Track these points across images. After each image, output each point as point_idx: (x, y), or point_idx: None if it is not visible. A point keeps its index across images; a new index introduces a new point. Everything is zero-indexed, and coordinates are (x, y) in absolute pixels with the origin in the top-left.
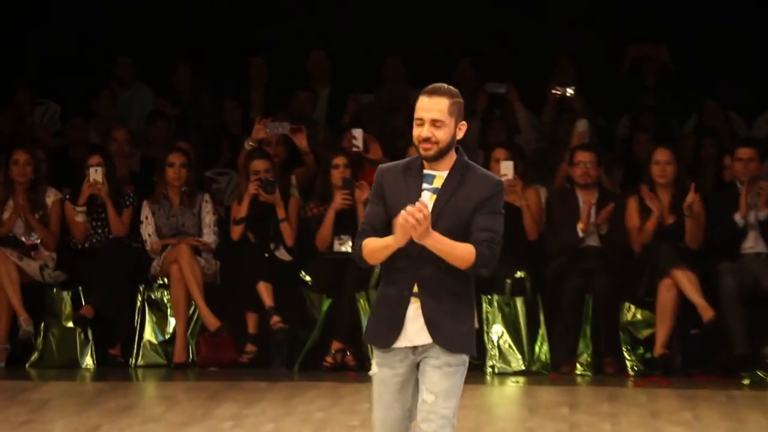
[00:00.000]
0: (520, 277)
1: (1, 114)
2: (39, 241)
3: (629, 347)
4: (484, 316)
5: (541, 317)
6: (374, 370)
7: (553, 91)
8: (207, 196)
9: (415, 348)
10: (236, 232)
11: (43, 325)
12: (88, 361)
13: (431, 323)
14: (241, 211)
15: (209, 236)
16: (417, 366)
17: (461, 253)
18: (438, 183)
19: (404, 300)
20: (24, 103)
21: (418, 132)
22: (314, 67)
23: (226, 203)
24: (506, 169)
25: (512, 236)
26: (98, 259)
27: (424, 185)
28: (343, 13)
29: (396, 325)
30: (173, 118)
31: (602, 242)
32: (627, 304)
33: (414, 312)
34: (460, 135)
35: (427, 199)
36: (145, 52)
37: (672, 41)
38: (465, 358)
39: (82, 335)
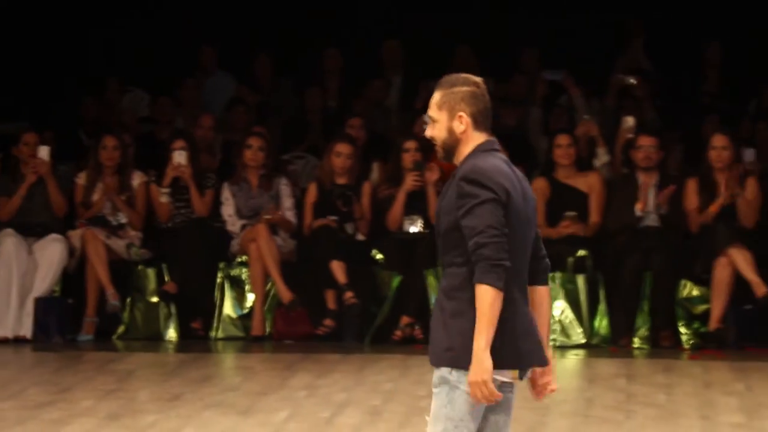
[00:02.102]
0: (582, 256)
1: (92, 102)
2: (126, 221)
3: (685, 322)
4: None
5: (602, 293)
6: None
7: (618, 78)
8: (285, 180)
9: None
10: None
11: (129, 299)
12: (171, 334)
13: (431, 335)
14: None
15: (290, 218)
16: None
17: (486, 306)
18: None
19: None
20: (113, 92)
21: None
22: (388, 55)
23: (302, 185)
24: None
25: (577, 217)
26: (181, 238)
27: None
28: (417, 4)
29: None
30: (253, 104)
31: (661, 222)
32: (684, 281)
33: None
34: (460, 127)
35: None
36: (228, 42)
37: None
38: (445, 375)
39: (166, 309)
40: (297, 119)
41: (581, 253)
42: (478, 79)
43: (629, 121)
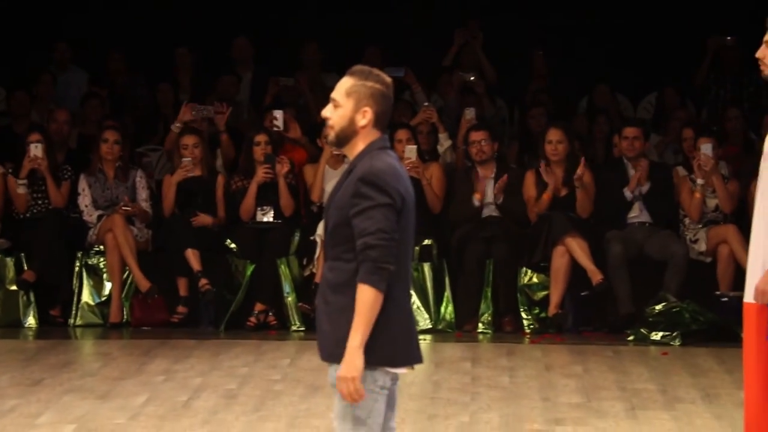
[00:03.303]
0: (428, 244)
1: None
2: None
3: (526, 308)
4: None
5: (447, 281)
6: None
7: (458, 74)
8: (141, 172)
9: None
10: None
11: None
12: (31, 321)
13: (317, 328)
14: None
15: (146, 209)
16: None
17: (365, 306)
18: None
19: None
20: None
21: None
22: (238, 52)
23: (156, 177)
24: (410, 152)
25: (419, 207)
26: (39, 228)
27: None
28: (265, 2)
29: None
30: (107, 99)
31: (501, 212)
32: (524, 269)
33: None
34: (362, 121)
35: None
36: (81, 38)
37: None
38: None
39: (25, 297)
40: (150, 113)
41: (426, 242)
42: (389, 80)
43: (470, 112)
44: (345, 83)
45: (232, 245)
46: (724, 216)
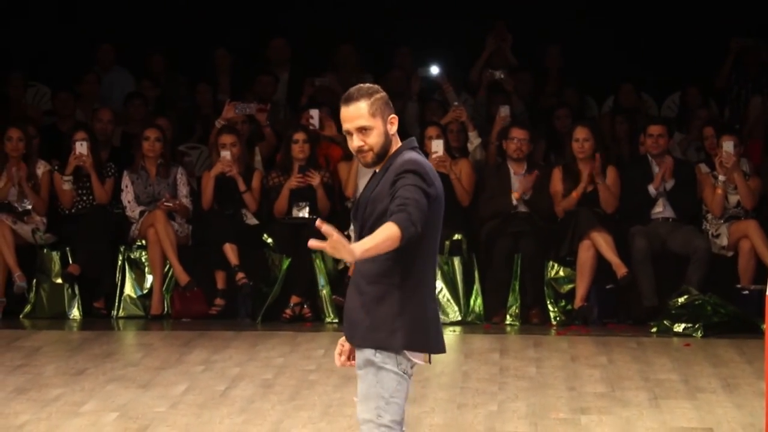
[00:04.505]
0: (457, 239)
1: None
2: (31, 207)
3: (552, 300)
4: None
5: (476, 274)
6: None
7: (488, 72)
8: (181, 170)
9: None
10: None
11: (35, 281)
12: (75, 313)
13: (345, 315)
14: (209, 187)
15: (186, 205)
16: None
17: (385, 235)
18: None
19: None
20: (17, 86)
21: (350, 144)
22: (275, 53)
23: (196, 174)
24: (437, 146)
25: (449, 203)
26: (84, 223)
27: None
28: (301, 5)
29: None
30: (151, 98)
31: (529, 208)
32: (551, 263)
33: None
34: (392, 129)
35: None
36: (125, 40)
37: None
38: (370, 357)
39: (70, 290)
40: (191, 113)
41: (456, 236)
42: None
43: (505, 109)
44: (361, 109)
45: (269, 240)
46: (745, 211)
